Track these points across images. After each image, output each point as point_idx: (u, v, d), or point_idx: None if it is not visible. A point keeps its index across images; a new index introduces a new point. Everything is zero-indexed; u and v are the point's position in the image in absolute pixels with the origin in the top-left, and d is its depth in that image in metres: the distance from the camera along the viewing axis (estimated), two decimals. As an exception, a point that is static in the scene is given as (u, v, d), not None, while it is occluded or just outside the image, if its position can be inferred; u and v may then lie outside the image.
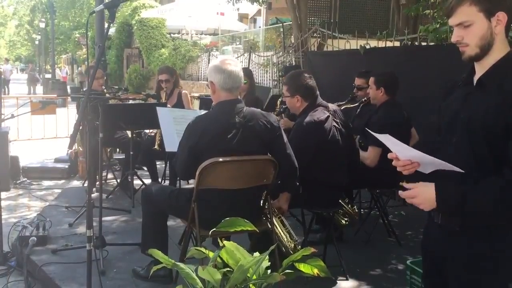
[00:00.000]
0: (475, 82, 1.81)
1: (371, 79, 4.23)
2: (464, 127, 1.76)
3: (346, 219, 3.89)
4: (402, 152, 1.81)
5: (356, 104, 4.63)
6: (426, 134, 4.28)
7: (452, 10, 1.75)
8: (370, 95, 4.26)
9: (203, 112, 3.60)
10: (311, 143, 3.37)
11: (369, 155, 3.94)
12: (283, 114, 4.64)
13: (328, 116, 3.45)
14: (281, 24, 10.44)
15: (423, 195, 1.73)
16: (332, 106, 3.65)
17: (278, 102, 4.91)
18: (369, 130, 2.08)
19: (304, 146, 3.35)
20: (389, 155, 1.84)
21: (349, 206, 3.89)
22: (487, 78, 1.75)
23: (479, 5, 1.71)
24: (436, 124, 1.97)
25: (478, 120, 1.72)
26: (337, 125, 3.50)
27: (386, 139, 1.81)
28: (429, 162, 1.77)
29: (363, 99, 4.52)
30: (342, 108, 4.14)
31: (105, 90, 5.66)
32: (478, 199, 1.66)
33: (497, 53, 1.75)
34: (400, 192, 1.79)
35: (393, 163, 1.84)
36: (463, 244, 1.78)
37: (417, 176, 1.81)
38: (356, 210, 3.98)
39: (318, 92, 3.54)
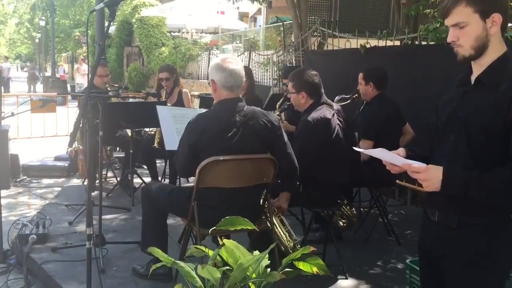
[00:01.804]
0: (472, 81, 1.82)
1: (360, 75, 4.23)
2: (462, 126, 1.77)
3: (344, 221, 3.89)
4: (395, 160, 1.83)
5: (348, 101, 4.59)
6: (425, 133, 4.28)
7: (448, 10, 1.77)
8: (360, 90, 4.26)
9: (203, 111, 3.60)
10: (316, 140, 3.37)
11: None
12: (283, 114, 4.63)
13: (333, 114, 3.46)
14: (281, 23, 10.42)
15: (431, 173, 1.72)
16: (336, 105, 3.66)
17: (277, 106, 4.87)
18: (356, 149, 2.13)
19: (309, 143, 3.35)
20: (384, 162, 1.86)
21: (348, 208, 3.90)
22: (485, 77, 1.76)
23: (475, 6, 1.72)
24: (435, 123, 1.99)
25: (476, 119, 1.73)
26: (340, 124, 3.50)
27: (380, 153, 1.85)
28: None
29: (354, 96, 4.48)
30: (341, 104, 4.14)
31: (108, 88, 5.66)
32: (481, 189, 1.67)
33: (494, 53, 1.76)
34: (408, 162, 1.78)
35: (387, 167, 1.87)
36: (460, 241, 1.80)
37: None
38: (355, 212, 3.98)
39: (323, 90, 3.55)
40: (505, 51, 1.78)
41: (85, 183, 5.81)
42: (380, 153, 1.85)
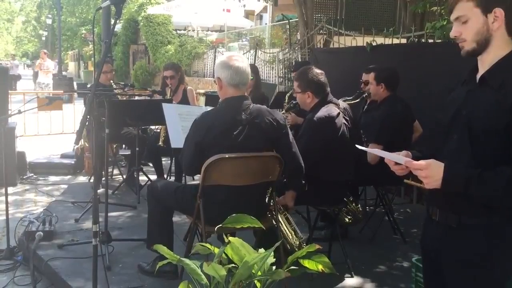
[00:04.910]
0: (477, 79, 1.81)
1: (371, 75, 4.22)
2: (465, 125, 1.76)
3: (349, 217, 3.89)
4: (397, 159, 1.83)
5: (358, 100, 4.60)
6: (432, 130, 4.26)
7: (452, 5, 1.80)
8: (371, 91, 4.26)
9: (209, 108, 3.60)
10: (321, 139, 3.36)
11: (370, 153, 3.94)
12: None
13: (339, 113, 3.44)
14: (287, 21, 10.40)
15: (432, 170, 1.71)
16: (342, 104, 3.64)
17: (287, 97, 4.88)
18: (358, 146, 2.11)
19: (314, 142, 3.34)
20: (386, 161, 1.87)
21: (353, 204, 3.90)
22: (489, 76, 1.75)
23: (476, 1, 1.75)
24: (443, 121, 1.98)
25: (478, 118, 1.72)
26: (346, 123, 3.49)
27: (382, 152, 1.86)
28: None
29: (364, 95, 4.49)
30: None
31: (113, 85, 5.67)
32: (481, 187, 1.67)
33: (498, 51, 1.76)
34: (409, 160, 1.78)
35: (392, 168, 1.87)
36: (460, 241, 1.79)
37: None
38: (360, 209, 3.98)
39: (329, 89, 3.53)
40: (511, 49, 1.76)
41: (91, 180, 5.83)
42: (382, 152, 1.86)
